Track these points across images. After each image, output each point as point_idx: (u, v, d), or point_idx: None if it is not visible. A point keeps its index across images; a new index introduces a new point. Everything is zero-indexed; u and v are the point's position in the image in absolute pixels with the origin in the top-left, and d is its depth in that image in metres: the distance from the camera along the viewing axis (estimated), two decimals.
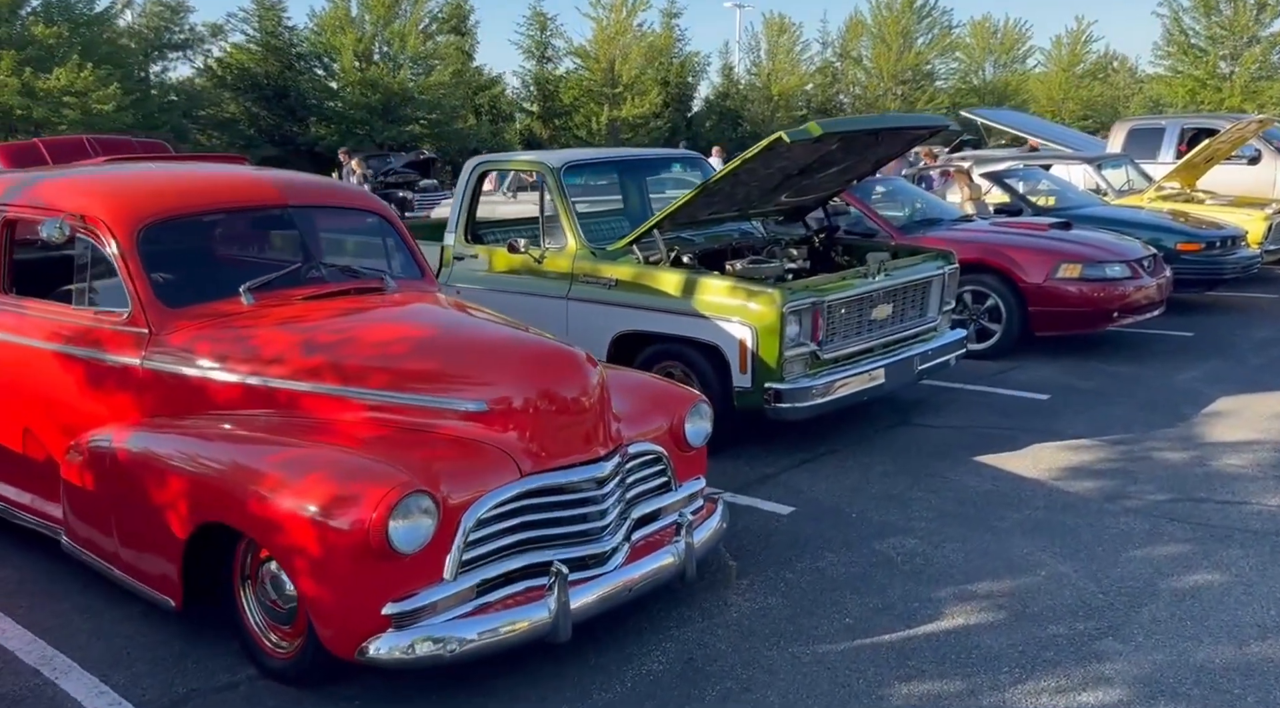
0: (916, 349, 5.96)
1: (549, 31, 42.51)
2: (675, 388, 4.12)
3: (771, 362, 5.12)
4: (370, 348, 3.52)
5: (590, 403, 3.43)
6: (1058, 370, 7.37)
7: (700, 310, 5.31)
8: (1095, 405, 6.42)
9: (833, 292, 5.38)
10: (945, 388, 6.93)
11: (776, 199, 6.34)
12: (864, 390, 5.52)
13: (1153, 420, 6.06)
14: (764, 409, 5.23)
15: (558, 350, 3.50)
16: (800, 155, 5.58)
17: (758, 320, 5.11)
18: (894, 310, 5.87)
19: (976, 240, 7.89)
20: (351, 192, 4.67)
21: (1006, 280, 7.60)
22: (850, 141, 5.71)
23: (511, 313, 6.31)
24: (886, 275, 5.77)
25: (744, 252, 6.48)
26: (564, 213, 5.97)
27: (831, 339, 5.44)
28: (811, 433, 5.81)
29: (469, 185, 6.54)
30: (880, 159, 6.43)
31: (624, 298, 5.63)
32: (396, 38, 33.61)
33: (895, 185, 10.08)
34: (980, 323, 7.78)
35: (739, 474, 5.26)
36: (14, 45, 24.61)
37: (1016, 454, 5.48)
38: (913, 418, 6.27)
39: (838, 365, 5.46)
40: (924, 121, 6.29)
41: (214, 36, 32.15)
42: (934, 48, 49.17)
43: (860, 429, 6.00)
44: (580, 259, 5.86)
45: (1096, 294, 7.43)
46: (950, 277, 6.34)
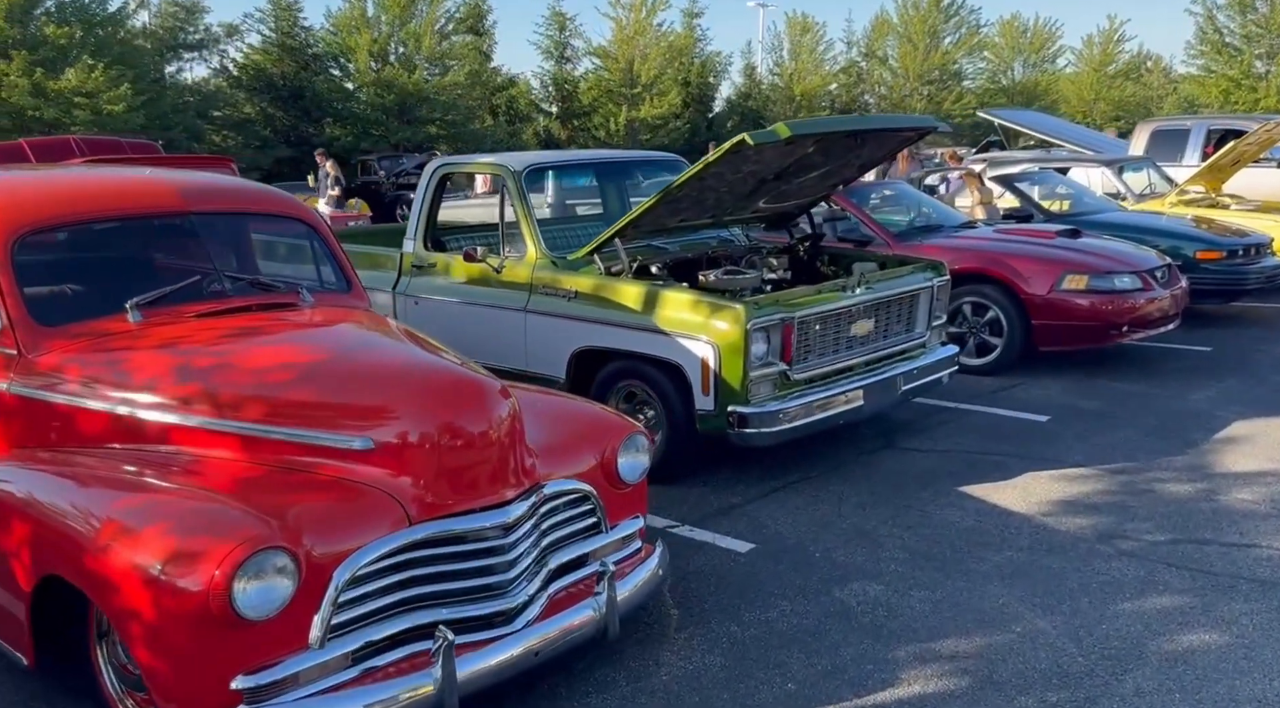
0: (901, 368, 5.53)
1: (568, 31, 42.32)
2: (609, 417, 3.71)
3: (735, 383, 4.71)
4: (251, 375, 3.14)
5: (497, 438, 3.04)
6: (1061, 389, 6.90)
7: (661, 326, 4.90)
8: (1098, 429, 5.95)
9: (805, 306, 4.96)
10: (938, 407, 6.48)
11: (753, 205, 5.91)
12: (840, 413, 5.10)
13: (1159, 447, 5.59)
14: (728, 434, 4.82)
15: (461, 380, 3.11)
16: (772, 159, 5.16)
17: (720, 338, 4.70)
18: (876, 326, 5.44)
19: (977, 249, 7.43)
20: (273, 197, 4.30)
21: (1008, 291, 7.14)
22: (828, 145, 5.29)
23: (469, 326, 5.99)
24: (868, 288, 5.34)
25: (721, 261, 6.07)
26: (524, 219, 5.58)
27: (804, 358, 5.02)
28: (785, 458, 5.39)
29: (429, 189, 6.17)
30: (865, 163, 6.00)
31: (583, 311, 5.23)
32: (412, 38, 33.45)
33: (897, 189, 9.63)
34: (980, 336, 7.32)
35: (702, 504, 4.85)
36: (26, 46, 24.60)
37: (1006, 484, 5.04)
38: (898, 441, 5.83)
39: (811, 386, 5.03)
40: (907, 123, 5.85)
41: (229, 37, 32.12)
42: (961, 47, 48.55)
43: (839, 453, 5.57)
44: (540, 269, 5.47)
45: (1104, 307, 6.95)
46: (941, 289, 5.90)
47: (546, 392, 3.95)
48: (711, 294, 4.88)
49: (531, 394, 3.80)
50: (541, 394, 3.87)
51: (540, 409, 3.61)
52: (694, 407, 4.86)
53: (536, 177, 5.96)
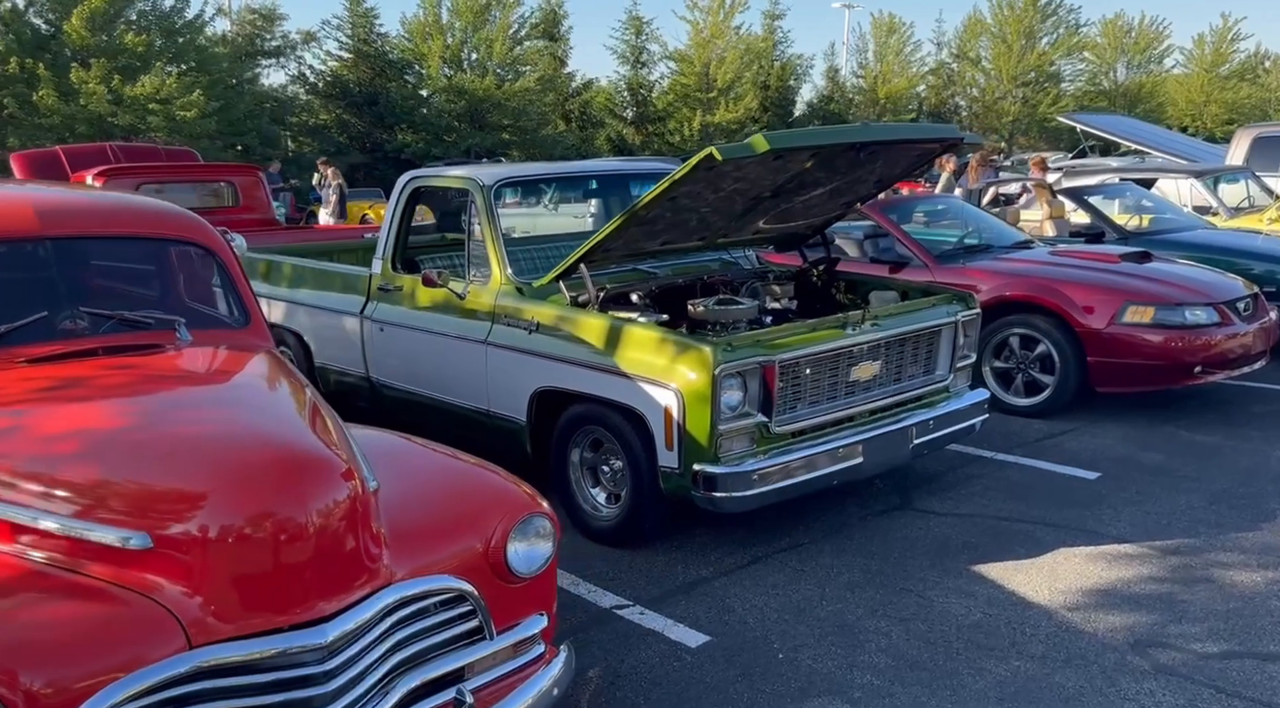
0: (916, 417, 4.75)
1: (644, 36, 41.75)
2: (506, 490, 3.04)
3: (702, 437, 4.01)
4: (36, 444, 2.58)
5: (325, 533, 2.40)
6: (1120, 437, 6.00)
7: (622, 367, 4.23)
8: (1155, 491, 5.08)
9: (791, 347, 4.23)
10: (971, 457, 5.67)
11: (752, 225, 5.20)
12: (832, 473, 4.35)
13: (1226, 518, 4.70)
14: (693, 498, 4.12)
15: (281, 459, 2.49)
16: (762, 175, 4.45)
17: (685, 384, 4.01)
18: (885, 368, 4.68)
19: (1026, 273, 6.57)
20: (165, 216, 3.77)
21: (1060, 323, 6.27)
22: (829, 159, 4.56)
23: (432, 359, 5.37)
24: (874, 324, 4.58)
25: (719, 288, 5.37)
26: (490, 239, 4.97)
27: (791, 407, 4.29)
28: (776, 520, 4.68)
29: (400, 204, 5.60)
30: (883, 179, 5.23)
31: (545, 346, 4.59)
32: (484, 44, 33.28)
33: (948, 204, 8.80)
34: (1029, 374, 6.46)
35: (665, 577, 4.17)
36: (106, 54, 25.03)
37: (1031, 563, 4.23)
38: (916, 500, 5.04)
39: (798, 441, 4.30)
40: (921, 133, 5.04)
41: (306, 44, 32.34)
42: (1059, 48, 46.50)
43: (843, 514, 4.82)
44: (503, 296, 4.85)
45: (1172, 343, 6.03)
46: (968, 324, 5.10)
47: (441, 451, 3.29)
48: (677, 332, 4.18)
49: (417, 457, 3.19)
50: (430, 455, 3.23)
51: (422, 479, 3.00)
52: (658, 463, 4.18)
53: (507, 192, 5.34)
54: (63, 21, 25.37)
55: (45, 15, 26.56)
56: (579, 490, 4.61)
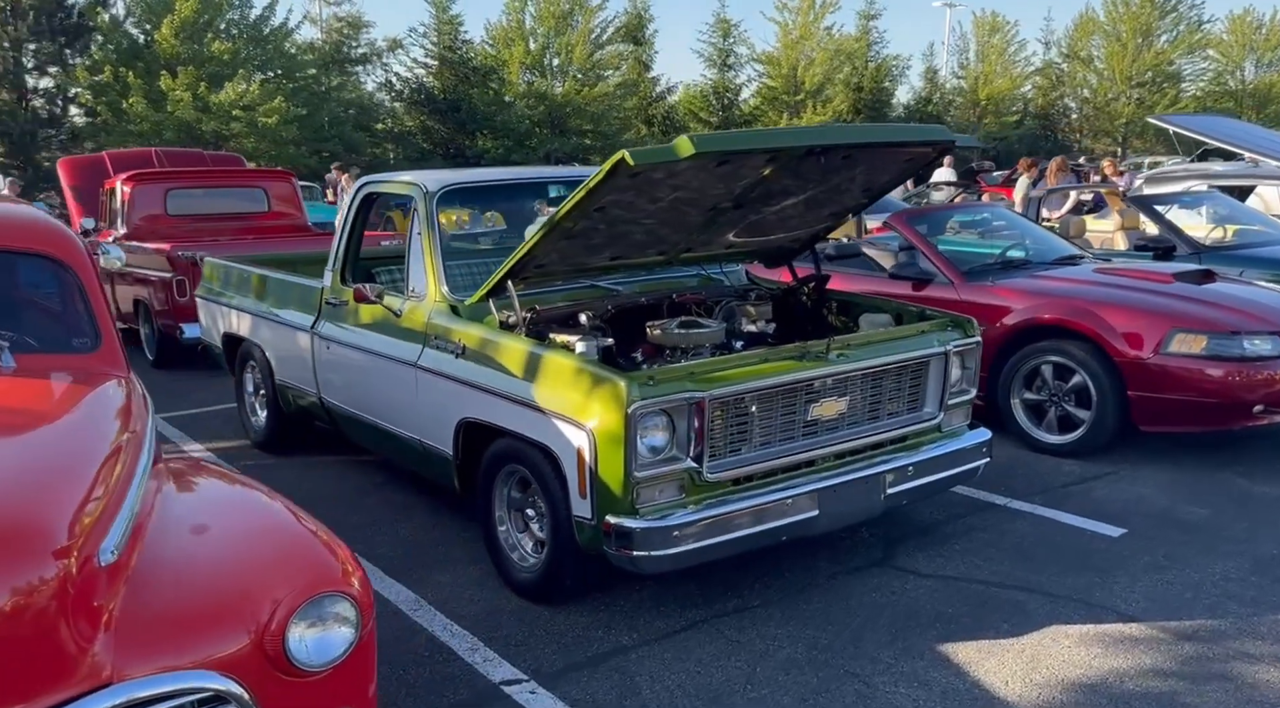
0: (893, 462, 4.12)
1: (732, 38, 41.09)
2: (303, 559, 2.53)
3: (615, 485, 3.46)
4: None
5: (17, 618, 1.98)
6: (1164, 484, 5.21)
7: (538, 401, 3.71)
8: (1189, 554, 4.32)
9: (731, 381, 3.65)
10: (981, 503, 4.99)
11: (720, 239, 4.62)
12: (777, 529, 3.74)
13: (1269, 594, 3.92)
14: (605, 555, 3.58)
15: None
16: (705, 182, 3.88)
17: (597, 423, 3.47)
18: (855, 406, 4.05)
19: (1061, 294, 5.80)
20: (11, 224, 3.40)
21: (1097, 352, 5.50)
22: (793, 165, 3.95)
23: (370, 381, 4.96)
24: (842, 356, 3.97)
25: (689, 307, 4.82)
26: (428, 250, 4.52)
27: (733, 450, 3.71)
28: (731, 573, 4.11)
29: (351, 211, 5.21)
30: (873, 188, 4.59)
31: (468, 372, 4.10)
32: (565, 48, 33.11)
33: (993, 213, 8.05)
34: (1063, 407, 5.70)
35: (577, 644, 3.63)
36: (194, 62, 25.63)
37: (1011, 645, 3.56)
38: (900, 555, 4.39)
39: (738, 490, 3.72)
40: (893, 135, 4.30)
41: (392, 51, 32.67)
42: (1179, 46, 44.01)
43: (809, 569, 4.21)
44: (437, 314, 4.38)
45: (1228, 378, 5.20)
46: (967, 355, 4.43)
47: (271, 505, 2.83)
48: (596, 362, 3.63)
49: (228, 516, 2.75)
50: (249, 513, 2.79)
51: (212, 547, 2.55)
52: (572, 512, 3.65)
53: (454, 199, 4.88)
54: (155, 31, 26.09)
55: (142, 25, 27.40)
56: (504, 535, 4.12)
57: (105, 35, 26.28)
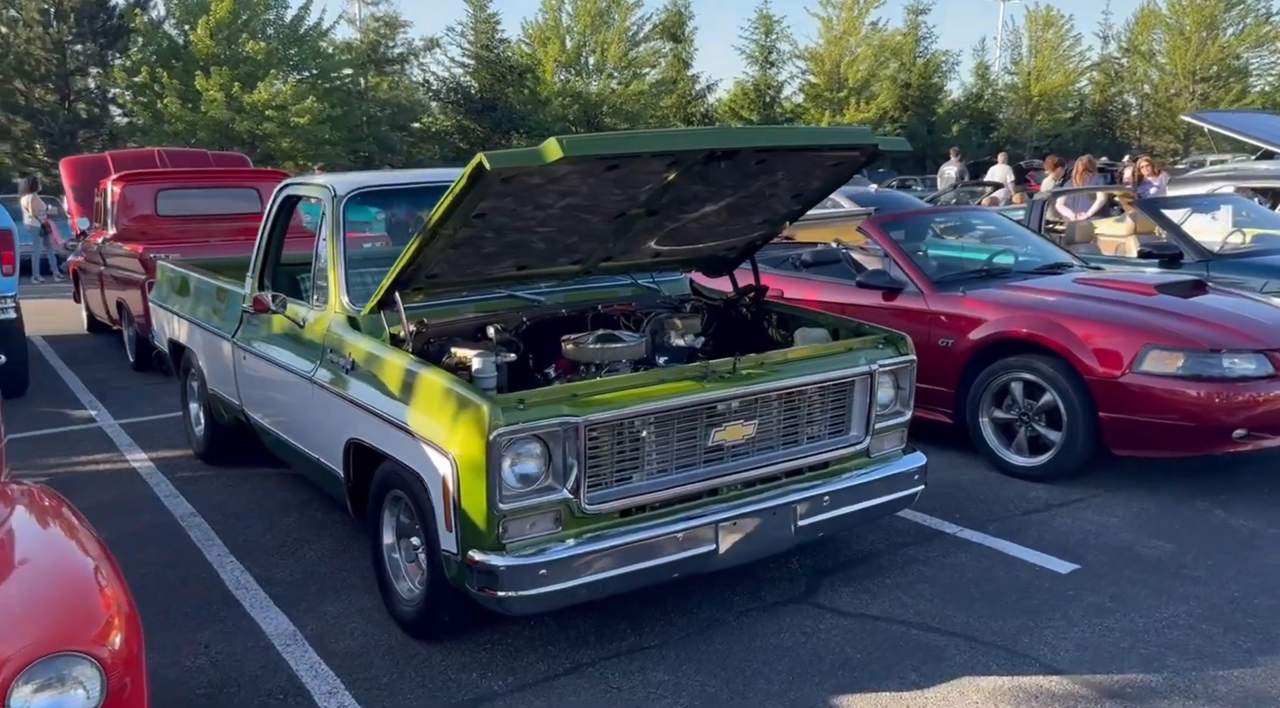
0: (807, 491, 3.80)
1: (775, 34, 40.57)
2: (47, 613, 2.32)
3: (479, 518, 3.21)
4: None
5: None
6: (1132, 514, 4.82)
7: (410, 423, 3.47)
8: (1139, 596, 3.94)
9: (612, 405, 3.36)
10: (930, 531, 4.65)
11: (642, 247, 4.33)
12: (669, 565, 3.45)
13: (1216, 644, 3.54)
14: (467, 593, 3.32)
15: None
16: (597, 187, 3.59)
17: (460, 450, 3.21)
18: (766, 430, 3.75)
19: (1033, 306, 5.42)
20: None
21: (1068, 369, 5.11)
22: (699, 169, 3.65)
23: (277, 393, 4.74)
24: (749, 376, 3.66)
25: (618, 319, 4.55)
26: (333, 257, 4.30)
27: (620, 479, 3.43)
28: (636, 608, 3.84)
29: (272, 214, 5.01)
30: (804, 194, 4.26)
31: (355, 389, 3.88)
32: (600, 46, 32.91)
33: (982, 218, 7.65)
34: (1033, 428, 5.32)
35: (443, 689, 3.38)
36: (229, 63, 25.87)
37: (914, 698, 3.23)
38: (824, 590, 4.07)
39: (625, 522, 3.44)
40: (804, 139, 3.93)
41: (429, 50, 32.75)
42: (1245, 39, 42.45)
43: (721, 604, 3.92)
44: (336, 325, 4.16)
45: (1206, 399, 4.79)
46: (900, 373, 4.11)
47: (53, 535, 2.62)
48: (462, 384, 3.37)
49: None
50: (15, 543, 2.58)
51: None
52: (440, 546, 3.40)
53: (366, 202, 4.66)
54: (191, 32, 26.39)
55: (181, 27, 27.74)
56: (391, 565, 3.87)
57: (145, 36, 26.65)
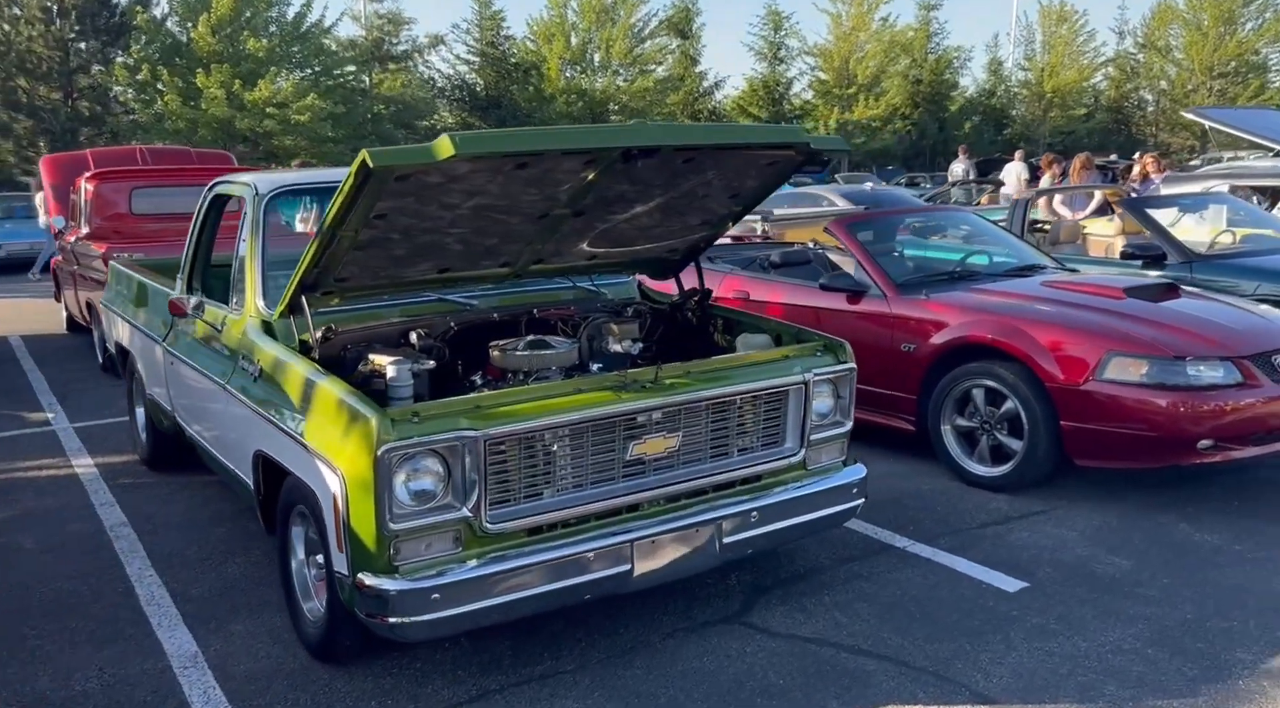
0: (733, 507, 3.61)
1: (783, 31, 40.30)
2: None
3: (368, 538, 3.03)
4: None
5: None
6: (1093, 528, 4.61)
7: (305, 437, 3.30)
8: (1085, 617, 3.73)
9: (517, 417, 3.18)
10: (879, 545, 4.47)
11: (574, 249, 4.15)
12: (575, 588, 3.27)
13: (1160, 671, 3.33)
14: (356, 617, 3.15)
15: None
16: (507, 186, 3.40)
17: (348, 466, 3.04)
18: (693, 442, 3.56)
19: (995, 311, 5.21)
20: None
21: (1029, 376, 4.90)
22: (620, 168, 3.46)
23: (196, 401, 4.58)
24: (671, 386, 3.48)
25: (554, 324, 4.38)
26: (250, 257, 4.13)
27: (531, 495, 3.26)
28: (559, 628, 3.67)
29: (201, 213, 4.86)
30: (743, 194, 4.07)
31: (260, 398, 3.71)
32: (605, 43, 32.71)
33: (957, 218, 7.45)
34: (995, 437, 5.11)
35: None
36: (230, 60, 25.80)
37: None
38: (758, 608, 3.89)
39: (532, 541, 3.26)
40: (723, 137, 3.71)
41: (433, 47, 32.62)
42: (1264, 34, 41.86)
43: (649, 624, 3.74)
44: (251, 330, 3.99)
45: (1170, 408, 4.57)
46: (839, 382, 3.91)
47: None
48: (355, 396, 3.18)
49: None
50: None
51: None
52: (333, 567, 3.23)
53: (289, 201, 4.50)
54: (193, 29, 26.34)
55: (183, 24, 27.70)
56: (299, 582, 3.71)
57: (147, 34, 26.61)
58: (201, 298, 4.38)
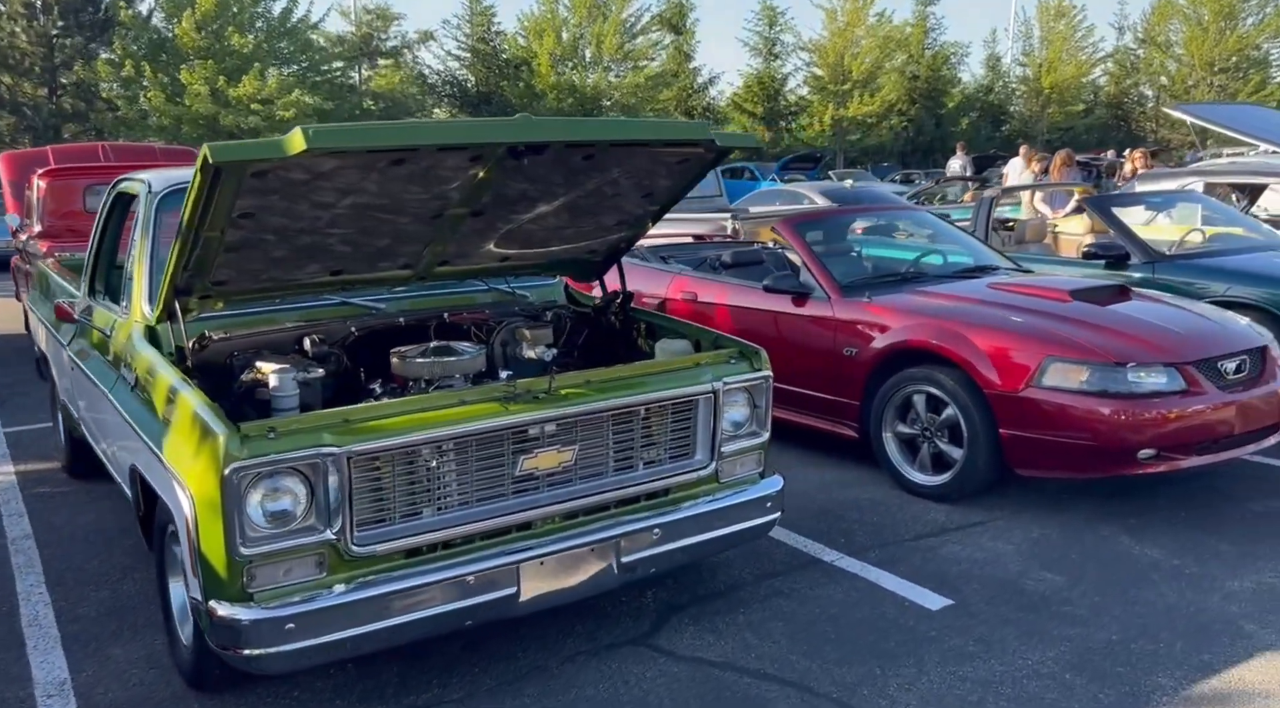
0: (632, 524, 3.42)
1: (778, 26, 40.04)
2: None
3: (218, 564, 2.84)
4: None
5: None
6: (1031, 541, 4.42)
7: (162, 452, 3.11)
8: (1006, 638, 3.53)
9: (386, 432, 2.98)
10: (806, 559, 4.29)
11: (479, 250, 3.94)
12: (455, 614, 3.07)
13: (1071, 700, 3.13)
14: (211, 650, 2.96)
15: None
16: (388, 185, 3.20)
17: (196, 486, 2.85)
18: (591, 456, 3.37)
19: (935, 314, 5.00)
20: None
21: (968, 383, 4.70)
22: (521, 167, 3.26)
23: (87, 409, 4.41)
24: (568, 398, 3.28)
25: (466, 328, 4.19)
26: (139, 257, 3.93)
27: (409, 514, 3.06)
28: (455, 648, 3.46)
29: (105, 210, 4.68)
30: (656, 193, 3.87)
31: (134, 410, 3.50)
32: (595, 39, 32.46)
33: (912, 218, 7.25)
34: (936, 444, 4.91)
35: None
36: (214, 56, 25.58)
37: None
38: (667, 629, 3.69)
39: (408, 564, 3.06)
40: (603, 132, 3.51)
41: (423, 43, 32.38)
42: (1265, 29, 41.51)
43: (550, 648, 3.54)
44: (133, 335, 3.77)
45: (1111, 416, 4.36)
46: (755, 391, 3.72)
47: None
48: (209, 410, 2.97)
49: None
50: None
51: None
52: (189, 593, 3.03)
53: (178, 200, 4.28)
54: (176, 25, 26.13)
55: (169, 20, 27.48)
56: (175, 606, 3.50)
57: (130, 29, 26.40)
58: (91, 302, 4.17)
